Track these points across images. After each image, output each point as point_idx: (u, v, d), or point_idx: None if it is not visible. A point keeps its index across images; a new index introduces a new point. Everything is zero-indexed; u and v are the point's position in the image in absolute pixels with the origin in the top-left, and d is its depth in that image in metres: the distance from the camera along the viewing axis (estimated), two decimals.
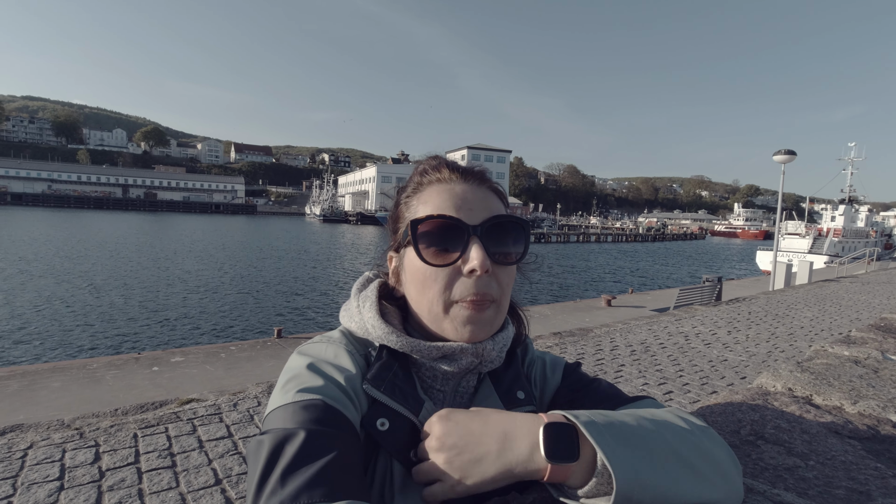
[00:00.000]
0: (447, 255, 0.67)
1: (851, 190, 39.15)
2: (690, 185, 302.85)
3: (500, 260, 0.69)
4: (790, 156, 13.73)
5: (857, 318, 8.26)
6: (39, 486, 2.47)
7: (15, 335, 10.63)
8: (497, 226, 0.69)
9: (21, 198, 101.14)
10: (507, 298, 0.72)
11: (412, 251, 0.69)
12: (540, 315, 11.29)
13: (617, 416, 0.59)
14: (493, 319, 0.70)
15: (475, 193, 0.71)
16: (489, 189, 0.74)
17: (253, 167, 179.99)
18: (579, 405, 0.75)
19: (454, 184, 0.72)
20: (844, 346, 2.05)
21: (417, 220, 0.68)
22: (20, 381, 5.63)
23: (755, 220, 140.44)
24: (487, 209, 0.70)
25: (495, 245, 0.68)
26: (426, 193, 0.73)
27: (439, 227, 0.68)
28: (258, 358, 7.05)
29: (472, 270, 0.65)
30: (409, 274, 0.72)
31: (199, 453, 2.95)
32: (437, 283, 0.68)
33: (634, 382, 4.86)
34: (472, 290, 0.66)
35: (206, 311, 13.77)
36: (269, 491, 0.51)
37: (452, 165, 0.75)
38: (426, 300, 0.69)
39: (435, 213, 0.68)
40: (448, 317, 0.68)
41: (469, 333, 0.68)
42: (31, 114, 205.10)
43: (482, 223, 0.68)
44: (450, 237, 0.67)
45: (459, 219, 0.67)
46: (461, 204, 0.69)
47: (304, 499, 0.50)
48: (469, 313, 0.67)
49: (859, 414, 1.32)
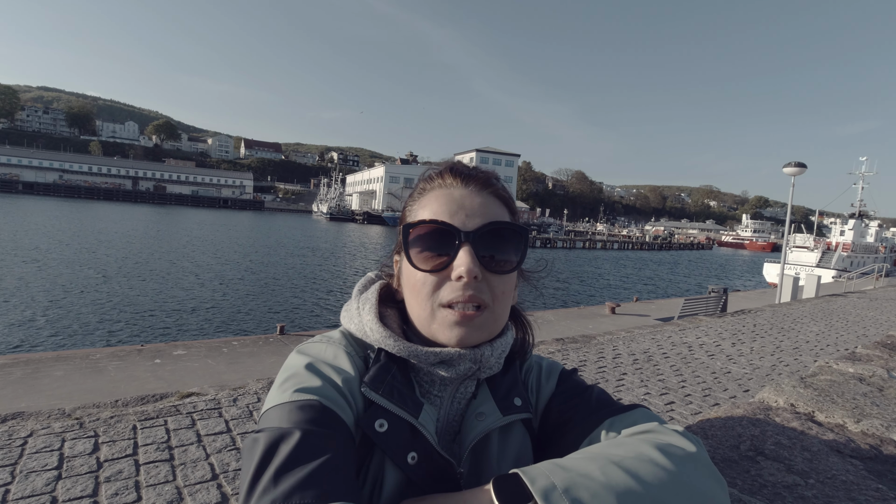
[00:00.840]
0: (437, 260, 0.67)
1: (862, 204, 38.82)
2: (699, 195, 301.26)
3: (494, 267, 0.68)
4: (800, 168, 13.63)
5: (864, 334, 8.17)
6: (38, 475, 2.48)
7: (21, 323, 10.73)
8: (492, 232, 0.68)
9: (33, 187, 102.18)
10: (504, 305, 0.71)
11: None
12: (543, 320, 11.25)
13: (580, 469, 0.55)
14: (485, 325, 0.69)
15: (474, 199, 0.71)
16: (492, 194, 0.73)
17: (262, 163, 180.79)
18: (573, 412, 0.75)
19: (454, 189, 0.72)
20: (849, 362, 2.02)
21: (409, 225, 0.69)
22: (24, 368, 5.67)
23: (763, 231, 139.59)
24: (485, 215, 0.69)
25: (489, 252, 0.68)
26: (426, 198, 0.73)
27: (430, 232, 0.68)
28: (260, 354, 7.07)
29: (460, 276, 0.65)
30: (405, 277, 0.73)
31: (198, 447, 2.95)
32: (426, 287, 0.68)
33: (636, 391, 4.82)
34: (459, 295, 0.66)
35: (210, 306, 13.83)
36: (261, 489, 0.51)
37: (457, 170, 0.74)
38: (417, 304, 0.70)
39: (427, 219, 0.68)
40: (436, 320, 0.68)
41: (457, 337, 0.67)
42: (45, 104, 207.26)
43: (476, 229, 0.67)
44: (441, 243, 0.67)
45: (451, 224, 0.67)
46: (456, 209, 0.69)
47: (297, 499, 0.50)
48: (456, 318, 0.66)
49: (862, 433, 1.29)
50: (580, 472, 0.55)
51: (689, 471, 0.59)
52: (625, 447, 0.61)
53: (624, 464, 0.57)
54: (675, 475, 0.57)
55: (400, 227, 0.76)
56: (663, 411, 4.39)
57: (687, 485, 0.57)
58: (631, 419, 0.70)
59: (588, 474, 0.54)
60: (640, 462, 0.57)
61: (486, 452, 0.71)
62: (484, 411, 0.72)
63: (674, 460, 0.59)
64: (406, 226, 0.69)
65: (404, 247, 0.69)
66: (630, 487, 0.54)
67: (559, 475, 0.54)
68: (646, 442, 0.62)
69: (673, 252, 73.97)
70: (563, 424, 0.75)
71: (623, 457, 0.58)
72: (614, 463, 0.57)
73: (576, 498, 0.51)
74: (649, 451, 0.60)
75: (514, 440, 0.74)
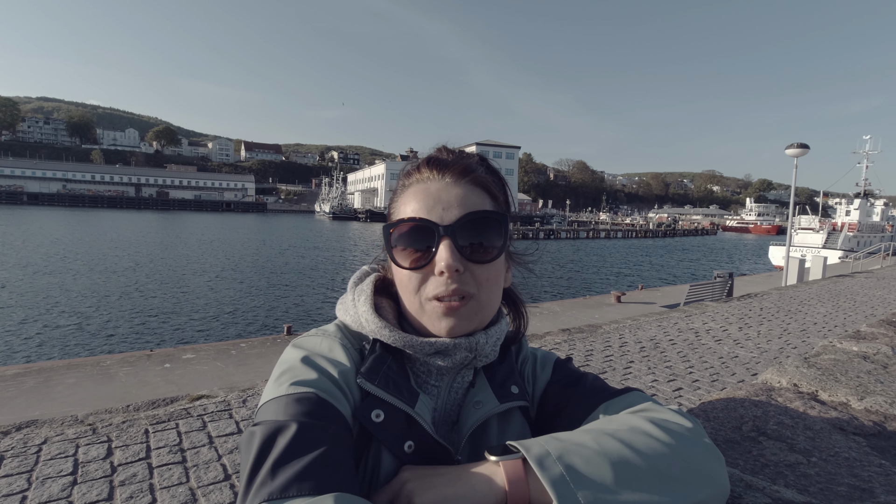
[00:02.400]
0: (420, 257, 0.68)
1: (867, 183, 38.49)
2: (701, 180, 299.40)
3: (476, 258, 0.68)
4: (803, 149, 13.53)
5: (872, 314, 8.13)
6: (53, 481, 2.52)
7: (32, 333, 10.83)
8: (471, 223, 0.68)
9: (37, 197, 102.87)
10: (492, 292, 0.71)
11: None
12: (549, 311, 11.26)
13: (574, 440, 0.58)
14: (473, 314, 0.69)
15: (451, 190, 0.70)
16: (470, 182, 0.72)
17: (263, 165, 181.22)
18: (568, 401, 0.76)
19: (431, 182, 0.72)
20: (853, 341, 2.02)
21: (390, 225, 0.70)
22: (36, 377, 5.74)
23: (768, 214, 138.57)
24: (463, 206, 0.69)
25: (470, 242, 0.68)
26: (406, 195, 0.73)
27: (410, 229, 0.68)
28: (268, 354, 7.11)
29: (441, 272, 0.66)
30: (394, 273, 0.74)
31: (209, 449, 2.99)
32: (411, 283, 0.69)
33: (644, 379, 4.83)
34: (444, 290, 0.67)
35: (218, 309, 13.92)
36: (259, 482, 0.52)
37: (433, 162, 0.74)
38: (405, 299, 0.71)
39: (405, 217, 0.69)
40: (425, 314, 0.69)
41: (446, 329, 0.68)
42: (46, 115, 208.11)
43: (455, 222, 0.67)
44: (421, 239, 0.68)
45: (429, 220, 0.67)
46: (433, 204, 0.69)
47: (294, 491, 0.50)
48: (443, 309, 0.67)
49: (866, 410, 1.30)
50: (574, 441, 0.57)
51: (684, 444, 0.60)
52: (619, 422, 0.63)
53: (618, 435, 0.59)
54: (671, 446, 0.58)
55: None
56: (671, 398, 4.40)
57: (682, 456, 0.58)
58: (626, 402, 0.71)
59: (582, 443, 0.57)
60: (633, 433, 0.59)
61: (484, 440, 0.72)
62: (481, 399, 0.73)
63: (669, 433, 0.60)
64: (386, 226, 0.70)
65: (387, 247, 0.71)
66: (624, 455, 0.55)
67: (553, 444, 0.56)
68: (640, 417, 0.64)
69: (677, 239, 73.69)
70: (560, 412, 0.76)
71: (616, 429, 0.60)
72: (608, 434, 0.59)
73: (569, 464, 0.53)
74: (643, 425, 0.61)
75: (513, 427, 0.75)
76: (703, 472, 0.59)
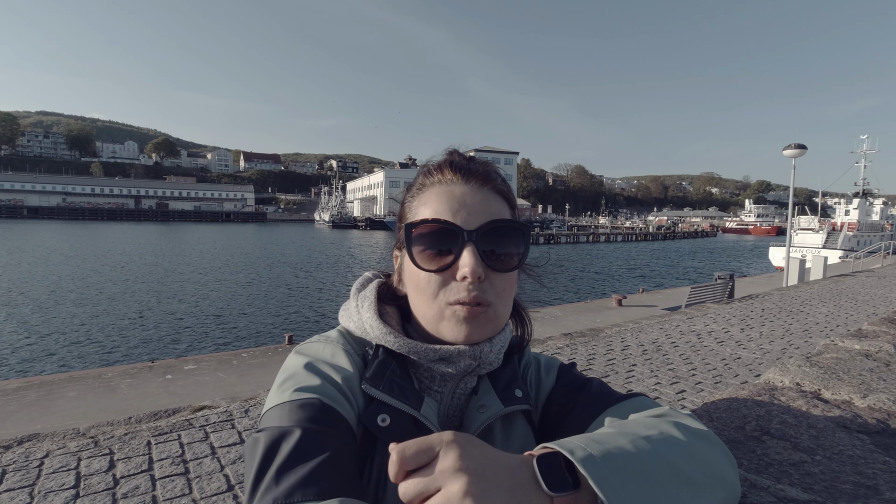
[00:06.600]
0: (441, 260, 0.67)
1: (865, 183, 38.58)
2: (700, 183, 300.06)
3: (497, 266, 0.68)
4: (800, 150, 13.57)
5: (874, 312, 8.12)
6: (56, 495, 2.51)
7: (33, 346, 10.81)
8: (494, 231, 0.68)
9: (37, 211, 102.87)
10: (506, 303, 0.71)
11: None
12: (550, 316, 11.24)
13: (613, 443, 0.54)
14: (490, 323, 0.69)
15: (475, 196, 0.70)
16: (492, 190, 0.72)
17: (262, 175, 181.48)
18: (573, 406, 0.76)
19: (454, 186, 0.71)
20: (855, 339, 2.02)
21: (412, 224, 0.68)
22: (37, 391, 5.72)
23: (767, 215, 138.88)
24: (486, 213, 0.69)
25: (492, 250, 0.67)
26: (427, 195, 0.72)
27: (434, 231, 0.67)
28: (269, 364, 7.10)
29: (464, 277, 0.65)
30: (407, 275, 0.73)
31: (212, 460, 2.98)
32: (430, 286, 0.67)
33: (646, 382, 4.82)
34: (465, 295, 0.66)
35: (219, 319, 13.90)
36: (263, 488, 0.52)
37: (456, 165, 0.73)
38: (421, 302, 0.70)
39: (430, 218, 0.68)
40: (443, 319, 0.68)
41: (464, 335, 0.67)
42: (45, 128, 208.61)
43: (478, 228, 0.67)
44: (444, 242, 0.67)
45: (455, 223, 0.67)
46: (458, 207, 0.68)
47: (298, 496, 0.50)
48: (463, 316, 0.66)
49: (869, 408, 1.30)
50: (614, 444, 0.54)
51: (707, 449, 0.60)
52: (646, 426, 0.62)
53: (652, 439, 0.57)
54: (697, 453, 0.58)
55: (401, 224, 0.75)
56: (674, 400, 4.38)
57: (705, 460, 0.58)
58: (631, 406, 0.71)
59: (621, 447, 0.54)
60: (664, 438, 0.58)
61: (489, 443, 0.72)
62: (485, 403, 0.73)
63: (692, 439, 0.60)
64: (408, 225, 0.68)
65: (407, 246, 0.69)
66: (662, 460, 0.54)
67: (595, 447, 0.53)
68: (665, 422, 0.63)
69: (677, 241, 73.74)
70: (565, 416, 0.76)
71: (648, 434, 0.58)
72: (643, 438, 0.57)
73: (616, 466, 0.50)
74: (670, 430, 0.60)
75: (517, 431, 0.75)
76: (720, 476, 0.59)
